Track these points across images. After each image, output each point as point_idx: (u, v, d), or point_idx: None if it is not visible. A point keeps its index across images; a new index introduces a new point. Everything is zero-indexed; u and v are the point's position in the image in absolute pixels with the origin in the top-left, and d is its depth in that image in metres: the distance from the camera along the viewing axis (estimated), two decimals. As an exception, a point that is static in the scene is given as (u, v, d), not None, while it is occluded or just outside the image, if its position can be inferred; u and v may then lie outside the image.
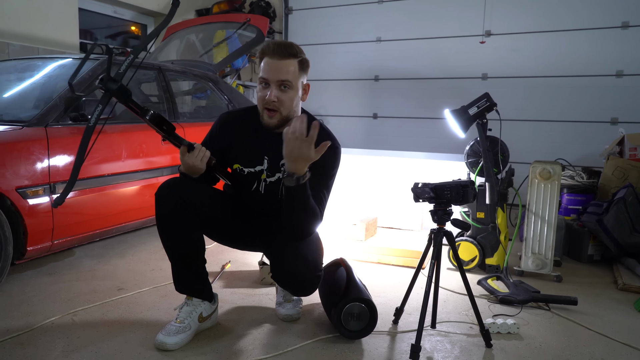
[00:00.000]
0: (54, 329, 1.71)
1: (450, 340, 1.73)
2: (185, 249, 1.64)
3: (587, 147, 4.04)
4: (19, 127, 2.11)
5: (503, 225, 2.51)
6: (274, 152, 1.66)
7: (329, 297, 1.79)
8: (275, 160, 1.68)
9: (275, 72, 1.58)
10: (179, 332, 1.62)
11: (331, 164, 1.67)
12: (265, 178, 1.70)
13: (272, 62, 1.58)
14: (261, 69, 1.61)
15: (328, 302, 1.78)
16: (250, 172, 1.70)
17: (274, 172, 1.69)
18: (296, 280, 1.65)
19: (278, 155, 1.65)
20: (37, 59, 2.80)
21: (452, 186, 1.65)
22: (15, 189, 1.98)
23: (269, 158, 1.69)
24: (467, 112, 2.53)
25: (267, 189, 1.71)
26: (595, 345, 1.74)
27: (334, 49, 5.18)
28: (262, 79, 1.60)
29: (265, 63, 1.59)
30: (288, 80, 1.59)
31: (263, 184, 1.70)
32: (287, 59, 1.58)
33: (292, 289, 1.74)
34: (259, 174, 1.70)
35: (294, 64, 1.60)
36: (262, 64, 1.61)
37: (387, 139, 4.94)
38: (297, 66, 1.60)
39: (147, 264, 2.48)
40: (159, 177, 2.67)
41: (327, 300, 1.80)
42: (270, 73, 1.58)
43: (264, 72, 1.60)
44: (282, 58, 1.57)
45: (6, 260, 1.97)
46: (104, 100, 1.47)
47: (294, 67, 1.59)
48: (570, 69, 4.15)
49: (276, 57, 1.57)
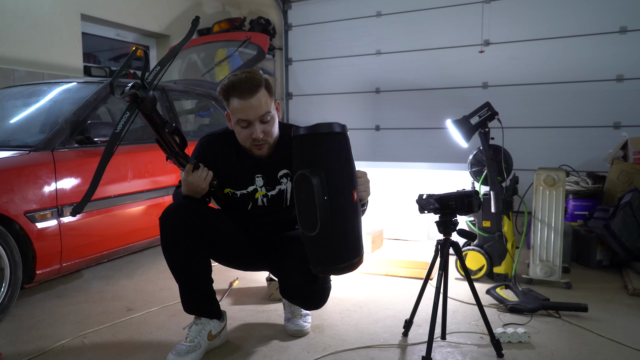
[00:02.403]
0: (64, 352, 1.72)
1: (461, 352, 1.72)
2: (192, 272, 1.64)
3: (590, 152, 4.04)
4: (26, 152, 2.14)
5: (510, 234, 2.51)
6: (265, 167, 1.67)
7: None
8: (270, 175, 1.69)
9: (254, 110, 1.56)
10: (190, 352, 1.62)
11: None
12: (266, 193, 1.70)
13: (244, 102, 1.55)
14: (235, 110, 1.57)
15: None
16: (243, 193, 1.70)
17: (273, 185, 1.70)
18: (305, 295, 1.66)
19: (271, 170, 1.67)
20: (43, 84, 2.85)
21: (457, 196, 1.65)
22: (24, 214, 2.00)
23: (263, 175, 1.69)
24: (468, 121, 2.54)
25: (271, 203, 1.72)
26: (608, 352, 1.72)
27: (335, 63, 5.23)
28: (242, 119, 1.58)
29: (238, 104, 1.56)
30: (268, 112, 1.59)
31: (265, 199, 1.71)
32: (257, 92, 1.56)
33: (302, 304, 1.74)
34: (252, 194, 1.70)
35: (264, 92, 1.58)
36: (232, 104, 1.57)
37: (390, 151, 4.96)
38: (266, 93, 1.59)
39: (156, 283, 2.49)
40: (164, 196, 2.70)
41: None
42: (249, 113, 1.56)
43: (242, 113, 1.56)
44: (253, 94, 1.55)
45: (16, 285, 1.98)
46: (132, 107, 1.42)
47: (265, 97, 1.58)
48: (571, 75, 4.17)
49: (247, 96, 1.54)
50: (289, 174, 1.68)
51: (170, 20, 4.99)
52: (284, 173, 1.68)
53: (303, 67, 5.47)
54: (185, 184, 1.62)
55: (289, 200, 1.72)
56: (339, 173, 1.44)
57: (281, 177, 1.68)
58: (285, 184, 1.69)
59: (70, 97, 2.59)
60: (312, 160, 1.42)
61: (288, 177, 1.68)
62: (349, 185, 1.45)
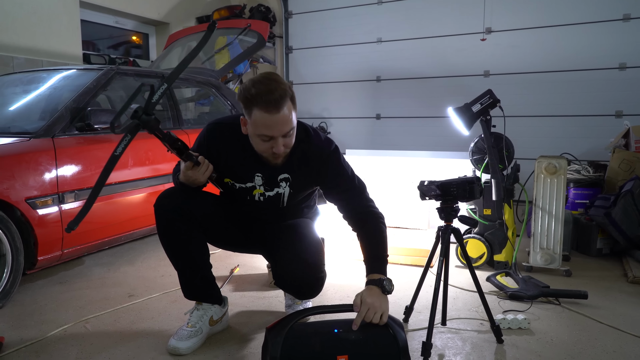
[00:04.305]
0: (67, 337, 1.73)
1: (461, 337, 1.73)
2: (190, 257, 1.64)
3: (592, 141, 4.03)
4: (27, 139, 2.13)
5: (510, 222, 2.51)
6: (267, 168, 1.62)
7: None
8: (270, 176, 1.63)
9: (279, 127, 1.43)
10: (191, 337, 1.63)
11: (337, 167, 1.63)
12: (263, 192, 1.66)
13: (270, 117, 1.40)
14: (257, 124, 1.42)
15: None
16: (242, 187, 1.68)
17: (272, 187, 1.65)
18: (299, 285, 1.65)
19: (272, 172, 1.62)
20: (42, 71, 2.83)
21: (458, 183, 1.65)
22: (25, 200, 2.00)
23: (263, 175, 1.63)
24: (470, 109, 2.52)
25: (267, 201, 1.68)
26: (607, 338, 1.73)
27: (335, 51, 5.20)
28: (265, 135, 1.44)
29: (263, 119, 1.40)
30: (292, 127, 1.47)
31: (261, 198, 1.67)
32: (284, 105, 1.40)
33: (295, 293, 1.74)
34: (250, 190, 1.67)
35: (289, 105, 1.43)
36: (255, 115, 1.41)
37: (391, 140, 4.95)
38: (291, 105, 1.45)
39: (157, 270, 2.50)
40: (165, 183, 2.69)
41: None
42: (273, 130, 1.43)
43: (266, 129, 1.42)
44: (279, 108, 1.39)
45: (18, 271, 1.99)
46: (134, 130, 1.43)
47: (290, 109, 1.44)
48: (573, 63, 4.14)
49: (273, 110, 1.39)
50: (289, 179, 1.63)
51: (169, 8, 4.95)
52: (284, 177, 1.63)
53: (303, 55, 5.44)
54: (184, 176, 1.59)
55: (285, 202, 1.68)
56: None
57: (281, 181, 1.64)
58: (283, 188, 1.64)
59: (69, 84, 2.57)
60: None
61: (287, 181, 1.63)
62: None
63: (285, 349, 1.34)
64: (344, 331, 1.39)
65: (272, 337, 1.37)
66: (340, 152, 1.69)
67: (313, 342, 1.37)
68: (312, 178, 1.64)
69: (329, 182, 1.64)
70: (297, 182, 1.65)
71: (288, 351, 1.34)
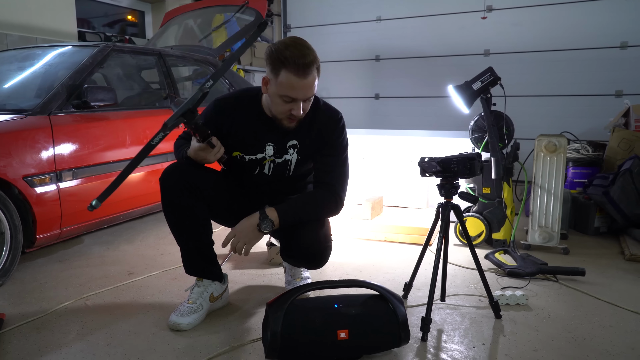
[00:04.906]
0: (67, 314, 1.74)
1: (459, 313, 1.75)
2: (193, 232, 1.64)
3: (592, 120, 4.01)
4: (23, 116, 2.11)
5: (509, 200, 2.51)
6: (278, 136, 1.65)
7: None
8: (281, 144, 1.66)
9: (304, 91, 1.50)
10: (192, 313, 1.64)
11: (338, 137, 1.67)
12: (273, 160, 1.69)
13: (298, 80, 1.46)
14: (284, 85, 1.47)
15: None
16: (252, 159, 1.68)
17: (281, 154, 1.68)
18: (308, 254, 1.66)
19: (283, 139, 1.65)
20: (37, 48, 2.78)
21: (459, 159, 1.64)
22: (23, 178, 1.99)
23: (274, 143, 1.66)
24: (470, 87, 2.50)
25: (275, 170, 1.71)
26: (604, 314, 1.75)
27: (334, 29, 5.12)
28: (290, 97, 1.49)
29: (291, 80, 1.46)
30: (314, 94, 1.55)
31: (272, 165, 1.69)
32: (312, 71, 1.48)
33: (304, 263, 1.75)
34: (260, 161, 1.68)
35: (315, 74, 1.51)
36: (282, 77, 1.46)
37: (390, 120, 4.92)
38: (316, 73, 1.51)
39: (156, 248, 2.50)
40: (163, 162, 2.67)
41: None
42: (299, 93, 1.49)
43: (292, 91, 1.48)
44: (308, 73, 1.47)
45: (17, 249, 1.98)
46: (176, 122, 1.49)
47: (315, 77, 1.51)
48: (574, 42, 4.10)
49: (302, 74, 1.46)
50: (296, 146, 1.66)
51: (165, -15, 4.85)
52: (292, 144, 1.66)
53: (302, 34, 5.35)
54: (194, 153, 1.58)
55: (292, 170, 1.70)
56: None
57: (289, 147, 1.67)
58: (291, 154, 1.67)
59: (65, 61, 2.53)
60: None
61: (295, 148, 1.66)
62: None
63: (286, 323, 1.35)
64: (344, 306, 1.40)
65: (273, 312, 1.38)
66: (345, 129, 1.72)
67: (313, 317, 1.38)
68: (317, 145, 1.67)
69: (324, 150, 1.66)
70: (304, 148, 1.67)
71: (289, 326, 1.35)
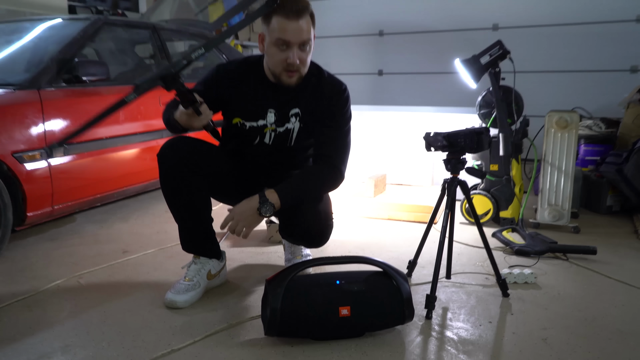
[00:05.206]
0: (60, 292, 1.68)
1: (465, 291, 1.68)
2: (192, 209, 1.58)
3: (605, 97, 3.88)
4: (11, 91, 2.02)
5: (518, 178, 2.42)
6: (280, 102, 1.60)
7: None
8: (282, 110, 1.61)
9: (297, 33, 1.46)
10: (189, 290, 1.58)
11: (342, 108, 1.61)
12: (275, 129, 1.63)
13: (290, 23, 1.44)
14: (276, 29, 1.46)
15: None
16: (253, 126, 1.62)
17: (283, 122, 1.62)
18: (308, 233, 1.61)
19: (285, 106, 1.60)
20: (26, 21, 2.68)
21: (466, 133, 1.55)
22: (12, 154, 1.91)
23: (276, 109, 1.61)
24: (478, 61, 2.40)
25: (275, 140, 1.64)
26: (616, 293, 1.68)
27: (336, 3, 4.97)
28: (282, 40, 1.46)
29: (282, 23, 1.45)
30: (309, 39, 1.49)
31: (273, 134, 1.63)
32: (304, 16, 1.46)
33: (304, 242, 1.70)
34: (261, 128, 1.63)
35: (309, 19, 1.48)
36: (274, 23, 1.46)
37: (394, 96, 4.80)
38: (310, 21, 1.50)
39: (151, 227, 2.44)
40: (158, 139, 2.59)
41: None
42: (292, 35, 1.45)
43: (284, 33, 1.45)
44: (299, 17, 1.45)
45: (6, 227, 1.92)
46: (151, 84, 1.44)
47: (309, 24, 1.49)
48: (587, 16, 3.94)
49: (293, 17, 1.44)
50: (299, 114, 1.61)
51: (161, -42, 4.69)
52: (294, 112, 1.61)
53: (303, 10, 5.21)
54: (180, 116, 1.50)
55: (293, 140, 1.64)
56: None
57: (291, 116, 1.61)
58: (293, 123, 1.62)
59: (55, 35, 2.43)
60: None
61: (297, 116, 1.61)
62: None
63: (286, 300, 1.28)
64: (346, 282, 1.33)
65: (272, 288, 1.31)
66: (349, 101, 1.66)
67: (314, 293, 1.31)
68: (320, 115, 1.60)
69: (326, 120, 1.60)
70: (307, 116, 1.61)
71: (289, 303, 1.28)
